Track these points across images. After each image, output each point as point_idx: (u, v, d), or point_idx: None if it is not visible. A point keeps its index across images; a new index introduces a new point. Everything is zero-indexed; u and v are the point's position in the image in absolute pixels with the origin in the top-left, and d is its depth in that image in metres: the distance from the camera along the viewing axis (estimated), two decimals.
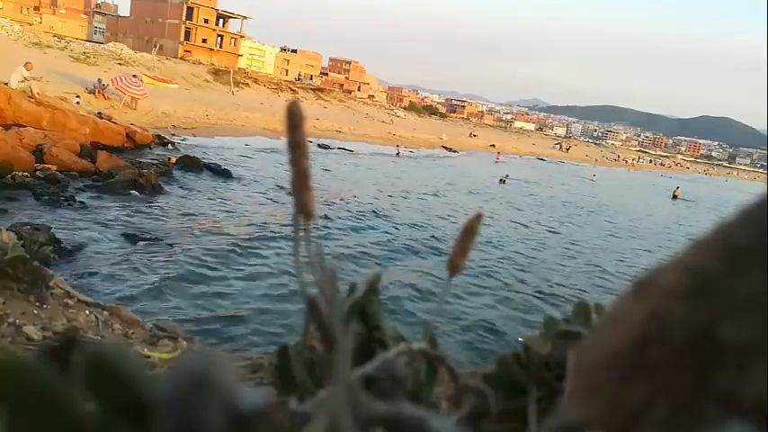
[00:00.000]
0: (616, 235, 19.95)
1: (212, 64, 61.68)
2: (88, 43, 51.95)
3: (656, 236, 21.33)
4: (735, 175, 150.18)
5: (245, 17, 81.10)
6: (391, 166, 30.28)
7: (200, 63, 58.50)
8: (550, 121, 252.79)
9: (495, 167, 39.78)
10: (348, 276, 8.53)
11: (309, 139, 0.46)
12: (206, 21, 72.83)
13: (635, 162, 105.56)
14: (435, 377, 0.59)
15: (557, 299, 10.38)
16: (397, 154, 36.84)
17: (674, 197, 41.95)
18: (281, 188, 16.13)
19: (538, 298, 10.36)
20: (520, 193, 26.89)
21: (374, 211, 15.62)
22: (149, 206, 11.90)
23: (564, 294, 10.70)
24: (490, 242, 13.96)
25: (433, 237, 13.63)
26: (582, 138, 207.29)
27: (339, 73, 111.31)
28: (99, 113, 19.22)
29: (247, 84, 56.27)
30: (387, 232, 13.61)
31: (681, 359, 0.32)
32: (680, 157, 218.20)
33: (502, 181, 29.82)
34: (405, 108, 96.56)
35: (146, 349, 2.06)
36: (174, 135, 22.35)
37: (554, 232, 17.81)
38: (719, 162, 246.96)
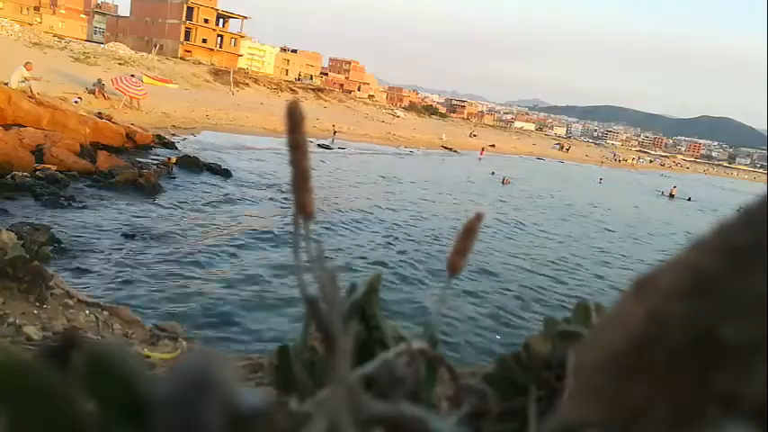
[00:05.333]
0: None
1: (212, 64, 61.69)
2: (88, 43, 51.97)
3: None
4: (735, 176, 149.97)
5: (245, 17, 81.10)
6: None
7: (200, 63, 58.50)
8: (550, 121, 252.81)
9: (478, 163, 41.62)
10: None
11: (310, 139, 0.46)
12: (206, 21, 72.81)
13: (635, 162, 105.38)
14: (435, 377, 0.59)
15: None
16: (333, 141, 34.35)
17: (671, 196, 41.88)
18: (281, 188, 16.14)
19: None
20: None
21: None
22: (149, 206, 11.90)
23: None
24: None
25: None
26: (582, 138, 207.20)
27: (339, 73, 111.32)
28: (99, 113, 19.21)
29: (247, 84, 56.27)
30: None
31: (681, 359, 0.32)
32: (680, 157, 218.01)
33: (504, 181, 30.07)
34: (405, 108, 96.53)
35: (146, 349, 2.06)
36: (174, 135, 22.36)
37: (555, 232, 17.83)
38: (719, 162, 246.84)
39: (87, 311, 2.38)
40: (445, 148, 50.67)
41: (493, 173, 33.36)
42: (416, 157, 38.38)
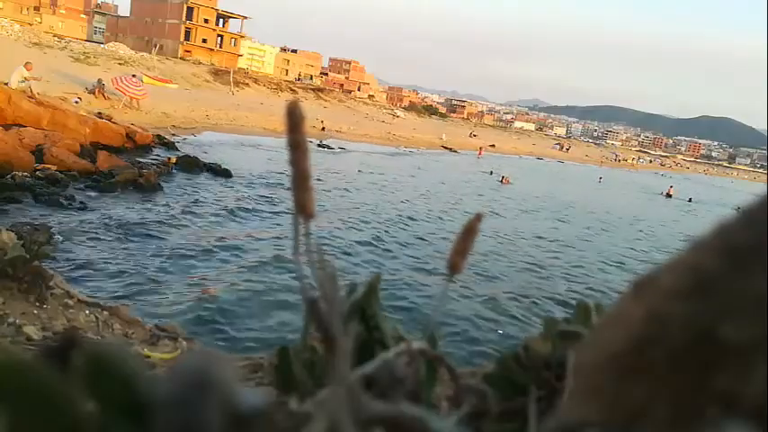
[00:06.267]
0: None
1: (212, 64, 61.69)
2: (88, 43, 51.99)
3: None
4: (735, 176, 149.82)
5: (245, 17, 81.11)
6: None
7: (200, 63, 58.50)
8: (550, 121, 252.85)
9: (477, 163, 42.07)
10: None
11: (309, 139, 0.46)
12: (206, 21, 72.83)
13: (634, 162, 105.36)
14: (435, 377, 0.59)
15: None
16: (320, 141, 32.74)
17: (668, 196, 41.80)
18: (282, 188, 16.14)
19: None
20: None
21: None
22: (149, 206, 11.90)
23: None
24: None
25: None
26: (582, 138, 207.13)
27: (339, 73, 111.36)
28: (99, 113, 19.21)
29: (247, 84, 56.27)
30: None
31: (681, 359, 0.32)
32: (680, 157, 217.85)
33: (502, 180, 30.10)
34: (405, 108, 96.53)
35: (146, 349, 2.06)
36: (174, 135, 22.36)
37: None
38: (719, 162, 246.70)
39: (87, 311, 2.38)
40: (445, 148, 50.69)
41: (491, 172, 33.61)
42: (416, 157, 38.40)
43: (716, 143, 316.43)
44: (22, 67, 17.64)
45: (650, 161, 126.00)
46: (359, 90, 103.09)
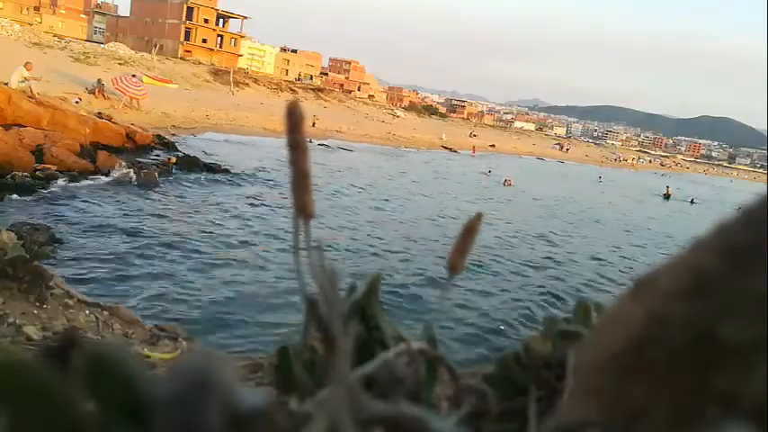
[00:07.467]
0: None
1: (212, 64, 61.69)
2: (88, 43, 51.99)
3: None
4: (735, 176, 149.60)
5: (245, 17, 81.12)
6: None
7: (200, 63, 58.50)
8: (550, 121, 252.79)
9: (473, 162, 42.25)
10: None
11: (309, 138, 0.46)
12: (206, 21, 72.83)
13: (634, 162, 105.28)
14: (435, 377, 0.59)
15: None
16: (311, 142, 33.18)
17: (667, 196, 41.56)
18: (282, 187, 16.14)
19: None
20: None
21: None
22: (149, 206, 11.90)
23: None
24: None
25: None
26: (582, 138, 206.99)
27: (339, 73, 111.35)
28: (99, 113, 19.21)
29: (247, 84, 56.26)
30: None
31: (681, 359, 0.32)
32: (680, 157, 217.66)
33: (505, 182, 30.08)
34: (405, 108, 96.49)
35: (146, 349, 2.06)
36: (174, 135, 22.36)
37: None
38: (719, 162, 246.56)
39: (87, 311, 2.38)
40: (445, 147, 50.68)
41: (489, 171, 34.39)
42: (416, 156, 38.44)
43: (716, 143, 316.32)
44: (22, 67, 17.64)
45: (650, 161, 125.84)
46: (359, 90, 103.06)
